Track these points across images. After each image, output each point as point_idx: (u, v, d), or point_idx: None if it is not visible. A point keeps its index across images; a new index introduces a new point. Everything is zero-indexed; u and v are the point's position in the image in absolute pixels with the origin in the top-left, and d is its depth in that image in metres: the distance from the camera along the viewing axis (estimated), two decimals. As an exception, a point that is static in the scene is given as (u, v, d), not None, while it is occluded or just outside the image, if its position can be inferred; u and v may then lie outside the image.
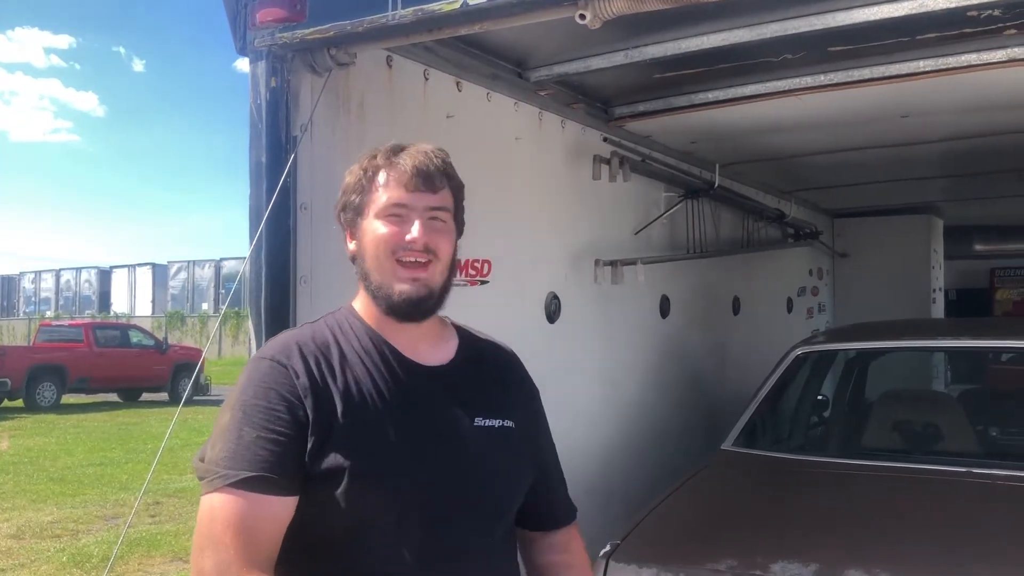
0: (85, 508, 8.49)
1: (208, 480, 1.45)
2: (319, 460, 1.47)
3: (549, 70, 3.46)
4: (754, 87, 3.80)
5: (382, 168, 1.61)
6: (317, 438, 1.48)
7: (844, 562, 2.48)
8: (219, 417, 1.52)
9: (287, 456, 1.46)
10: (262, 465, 1.44)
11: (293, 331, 1.64)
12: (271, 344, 1.60)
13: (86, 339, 19.17)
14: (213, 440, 1.49)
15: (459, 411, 1.62)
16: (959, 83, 3.63)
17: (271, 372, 1.52)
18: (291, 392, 1.49)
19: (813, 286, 7.76)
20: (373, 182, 1.60)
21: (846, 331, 5.03)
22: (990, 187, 6.78)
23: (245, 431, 1.46)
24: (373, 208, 1.59)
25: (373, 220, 1.59)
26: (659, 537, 2.89)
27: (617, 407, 4.32)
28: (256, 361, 1.56)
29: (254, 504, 1.43)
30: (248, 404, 1.48)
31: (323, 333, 1.60)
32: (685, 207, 4.97)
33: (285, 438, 1.46)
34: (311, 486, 1.48)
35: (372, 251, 1.58)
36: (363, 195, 1.61)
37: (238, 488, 1.42)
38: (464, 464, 1.58)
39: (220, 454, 1.46)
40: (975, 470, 3.21)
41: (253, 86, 2.42)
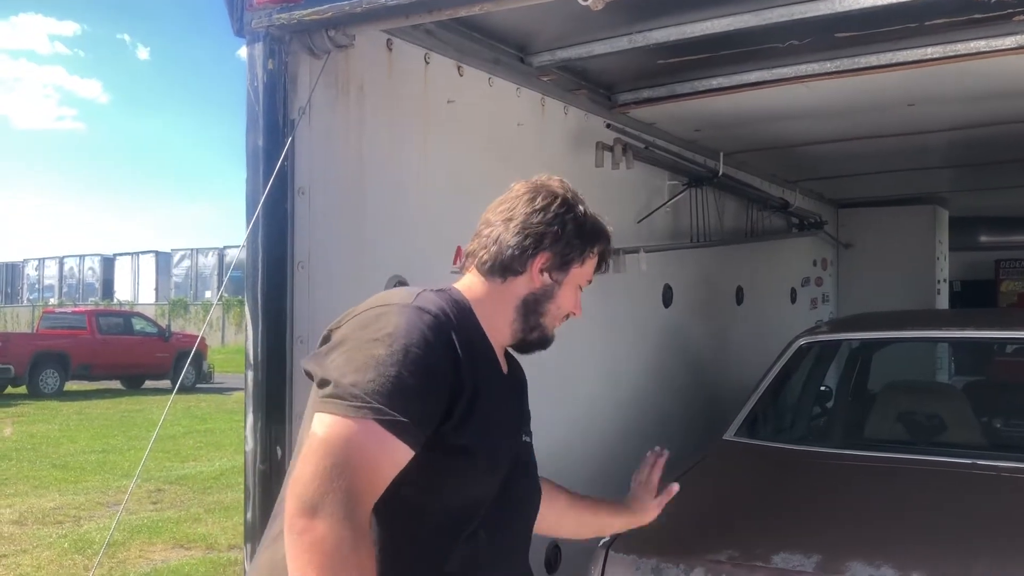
0: (87, 495, 8.50)
1: (354, 405, 1.41)
2: (459, 433, 1.51)
3: (552, 55, 3.42)
4: (759, 74, 3.76)
5: (603, 252, 1.79)
6: (461, 410, 1.51)
7: (846, 553, 2.46)
8: (360, 345, 1.48)
9: (431, 413, 1.48)
10: (413, 414, 1.44)
11: (435, 294, 1.62)
12: (427, 300, 1.58)
13: (89, 326, 19.21)
14: (359, 366, 1.45)
15: (518, 422, 1.78)
16: (967, 70, 3.59)
17: (437, 327, 1.52)
18: (452, 356, 1.52)
19: (817, 276, 7.73)
20: (593, 251, 1.76)
21: (850, 321, 4.99)
22: (997, 177, 6.73)
23: (405, 375, 1.44)
24: (580, 276, 1.76)
25: (574, 285, 1.76)
26: (659, 527, 2.85)
27: (618, 396, 4.30)
28: (418, 311, 1.53)
29: (392, 448, 1.43)
30: (411, 349, 1.46)
31: (455, 307, 1.63)
32: (689, 196, 4.93)
33: (438, 397, 1.49)
34: (437, 451, 1.50)
35: (560, 307, 1.75)
36: (583, 258, 1.74)
37: (384, 426, 1.41)
38: (521, 474, 1.74)
39: (373, 385, 1.43)
40: (980, 462, 3.18)
41: (250, 68, 2.38)
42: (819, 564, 2.44)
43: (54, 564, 6.24)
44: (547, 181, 1.78)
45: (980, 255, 10.25)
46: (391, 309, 1.53)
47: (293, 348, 2.41)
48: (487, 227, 1.73)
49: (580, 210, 1.74)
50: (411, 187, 2.85)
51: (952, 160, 6.19)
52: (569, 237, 1.71)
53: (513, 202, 1.74)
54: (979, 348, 5.57)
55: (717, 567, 2.50)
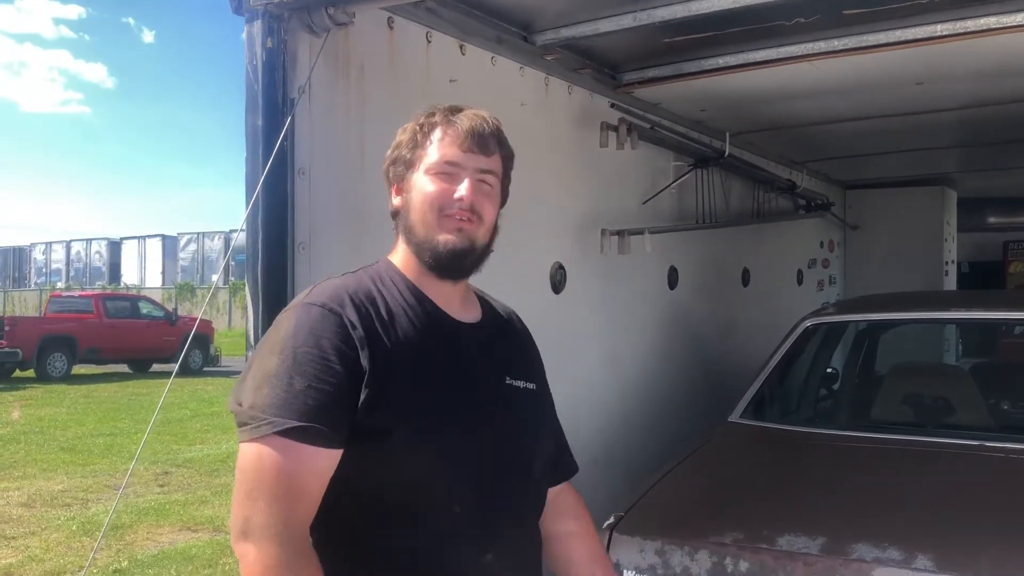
0: (95, 477, 8.55)
1: (254, 426, 1.42)
2: (373, 414, 1.46)
3: (556, 33, 3.38)
4: (766, 52, 3.72)
5: (439, 125, 1.61)
6: (372, 391, 1.46)
7: (851, 535, 2.44)
8: (259, 360, 1.48)
9: (337, 408, 1.44)
10: (312, 415, 1.41)
11: (338, 279, 1.60)
12: (320, 291, 1.55)
13: (96, 310, 19.27)
14: (257, 384, 1.45)
15: (494, 369, 1.65)
16: (977, 48, 3.53)
17: (323, 320, 1.48)
18: (346, 342, 1.47)
19: (824, 258, 7.68)
20: (427, 138, 1.61)
21: (856, 303, 4.96)
22: (1006, 157, 6.66)
23: (296, 379, 1.42)
24: (424, 164, 1.60)
25: (423, 175, 1.59)
26: (664, 509, 2.85)
27: (623, 378, 4.28)
28: (305, 307, 1.51)
29: (303, 455, 1.41)
30: (299, 351, 1.44)
31: (366, 284, 1.59)
32: (694, 176, 4.89)
33: (336, 389, 1.44)
34: (361, 440, 1.46)
35: (419, 205, 1.59)
36: (415, 150, 1.61)
37: (287, 437, 1.40)
38: (508, 422, 1.62)
39: (267, 400, 1.42)
40: (987, 443, 3.16)
41: (249, 47, 2.35)
42: (824, 546, 2.42)
43: (62, 546, 6.28)
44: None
45: (988, 236, 10.18)
46: (285, 314, 1.53)
47: (294, 330, 2.39)
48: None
49: (408, 124, 1.65)
50: (413, 167, 2.82)
51: (961, 140, 6.13)
52: (397, 152, 1.64)
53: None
54: (986, 329, 5.54)
55: (722, 549, 2.49)
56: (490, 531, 1.56)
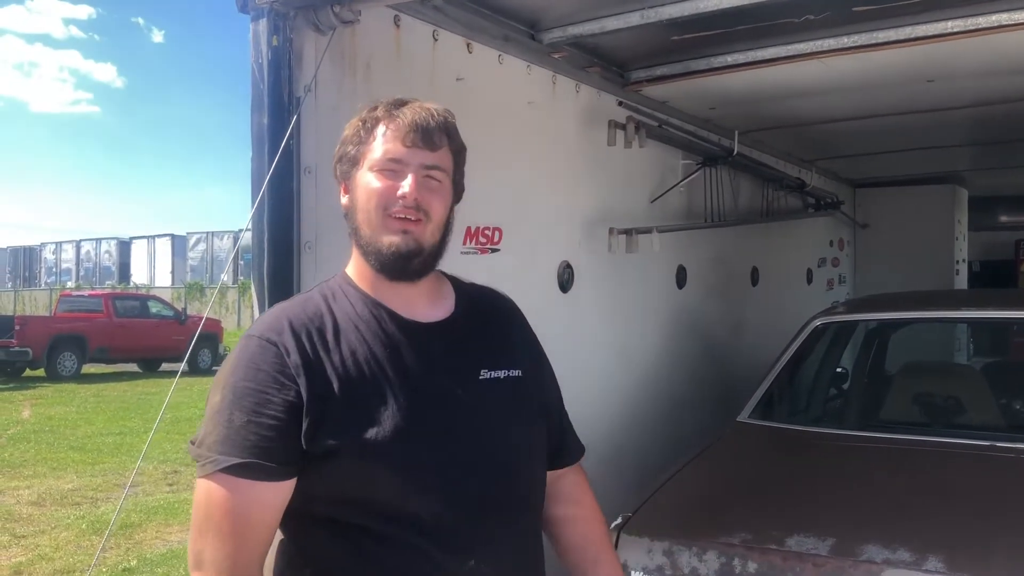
0: (104, 476, 8.58)
1: (201, 464, 1.43)
2: (316, 440, 1.44)
3: (563, 31, 3.36)
4: (775, 50, 3.69)
5: (381, 121, 1.56)
6: (313, 418, 1.44)
7: (861, 536, 2.42)
8: (210, 397, 1.49)
9: (279, 440, 1.43)
10: (253, 451, 1.41)
11: (285, 304, 1.58)
12: (262, 321, 1.55)
13: (106, 309, 19.36)
14: (204, 421, 1.47)
15: (464, 366, 1.59)
16: (988, 45, 3.50)
17: (260, 352, 1.47)
18: (281, 372, 1.45)
19: (834, 257, 7.64)
20: (371, 134, 1.56)
21: (866, 302, 4.93)
22: (1018, 156, 6.61)
23: (235, 415, 1.43)
24: (368, 160, 1.55)
25: (367, 172, 1.54)
26: (672, 509, 2.84)
27: (631, 378, 4.26)
28: (245, 340, 1.51)
29: (246, 490, 1.41)
30: (238, 386, 1.45)
31: (316, 303, 1.56)
32: (703, 175, 4.86)
33: (277, 421, 1.43)
34: (313, 466, 1.45)
35: (363, 204, 1.54)
36: (359, 146, 1.56)
37: (229, 474, 1.41)
38: (475, 421, 1.54)
39: (211, 438, 1.44)
40: (999, 444, 3.13)
41: (254, 45, 2.34)
42: (833, 547, 2.40)
43: (72, 545, 6.30)
44: None
45: (1000, 235, 10.12)
46: (230, 354, 1.53)
47: (300, 329, 2.39)
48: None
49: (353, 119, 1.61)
50: (420, 166, 2.81)
51: (972, 138, 6.08)
52: (341, 147, 1.61)
53: None
54: (998, 329, 5.50)
55: (730, 549, 2.47)
56: (469, 536, 1.49)
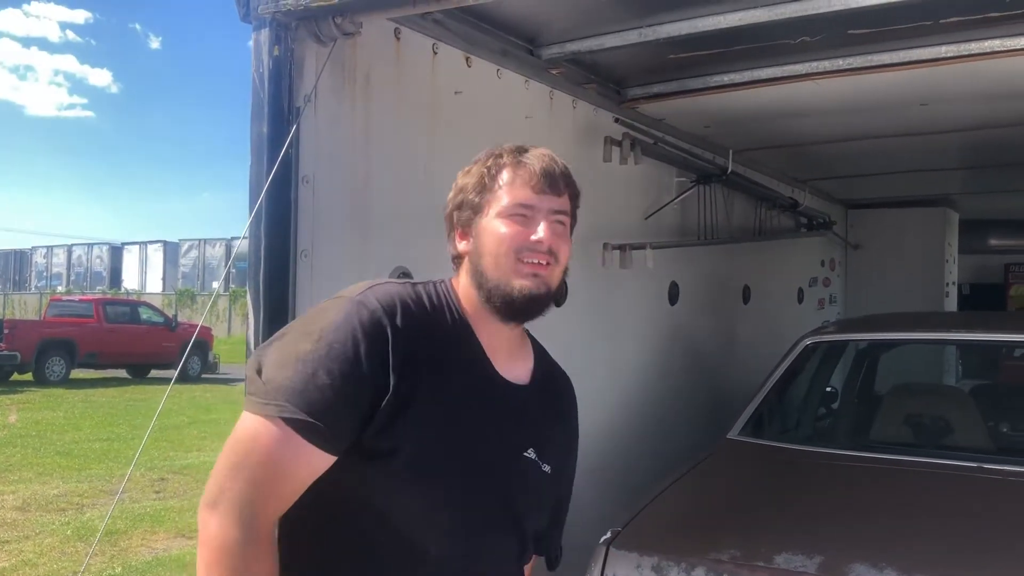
0: (91, 482, 8.53)
1: (262, 402, 1.38)
2: (383, 433, 1.42)
3: (561, 48, 3.39)
4: (771, 70, 3.73)
5: (507, 167, 1.57)
6: (389, 410, 1.42)
7: (849, 555, 2.43)
8: (293, 337, 1.45)
9: (349, 415, 1.40)
10: (322, 414, 1.37)
11: (398, 286, 1.54)
12: (378, 291, 1.49)
13: (96, 315, 19.28)
14: (282, 359, 1.41)
15: (518, 438, 1.60)
16: (981, 70, 3.54)
17: (370, 325, 1.43)
18: (382, 352, 1.42)
19: (825, 277, 7.68)
20: (496, 180, 1.56)
21: (856, 322, 4.96)
22: (1008, 180, 6.67)
23: (320, 373, 1.38)
24: (495, 207, 1.55)
25: (494, 219, 1.54)
26: (661, 525, 2.84)
27: (623, 393, 4.27)
28: (358, 304, 1.45)
29: (299, 449, 1.37)
30: (335, 346, 1.40)
31: (423, 301, 1.54)
32: (697, 192, 4.90)
33: (354, 397, 1.40)
34: (362, 456, 1.42)
35: (493, 249, 1.53)
36: (483, 194, 1.57)
37: (291, 427, 1.36)
38: (508, 493, 1.57)
39: (285, 382, 1.38)
40: (986, 465, 3.15)
41: (256, 55, 2.36)
42: (821, 565, 2.41)
43: (56, 551, 6.26)
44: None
45: (990, 258, 10.18)
46: (335, 303, 1.48)
47: (295, 338, 2.39)
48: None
49: (476, 167, 1.60)
50: (417, 178, 2.82)
51: (964, 161, 6.13)
52: (463, 196, 1.59)
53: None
54: (987, 351, 5.53)
55: (719, 566, 2.48)
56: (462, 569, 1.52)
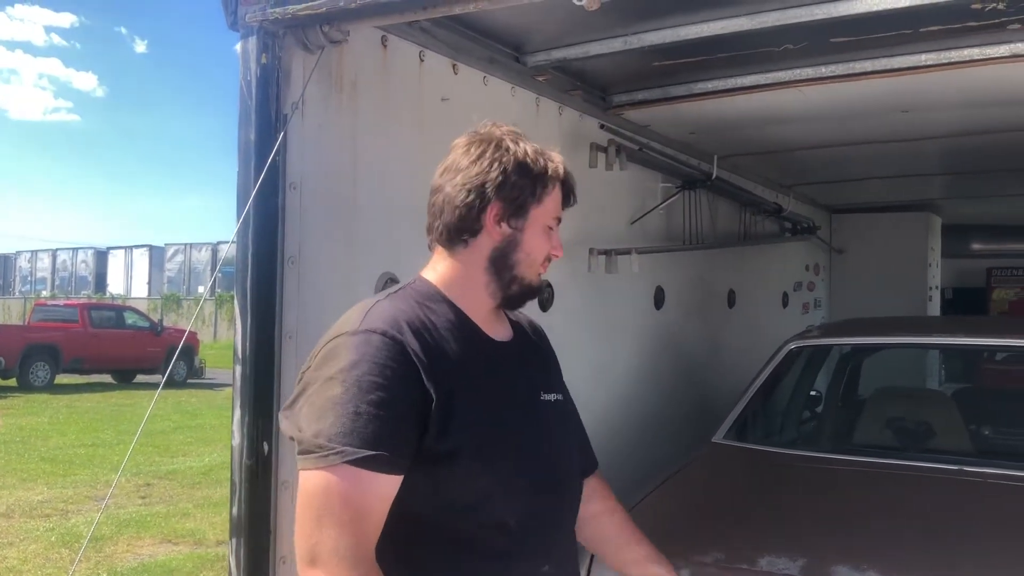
0: (75, 488, 8.47)
1: (321, 455, 1.43)
2: (442, 439, 1.49)
3: (547, 55, 3.42)
4: (754, 77, 3.77)
5: (559, 180, 1.67)
6: (440, 416, 1.48)
7: (831, 558, 2.46)
8: (318, 387, 1.48)
9: (403, 435, 1.46)
10: (379, 443, 1.43)
11: (387, 303, 1.58)
12: (376, 317, 1.54)
13: (81, 320, 19.14)
14: (318, 412, 1.46)
15: (530, 386, 1.71)
16: (961, 78, 3.59)
17: (386, 348, 1.48)
18: (410, 369, 1.48)
19: (809, 281, 7.74)
20: (547, 188, 1.65)
21: (840, 326, 5.00)
22: (989, 185, 6.75)
23: (363, 408, 1.43)
24: (543, 216, 1.65)
25: (539, 227, 1.65)
26: (646, 528, 2.85)
27: (609, 397, 4.29)
28: (365, 335, 1.50)
29: (371, 483, 1.43)
30: (364, 379, 1.45)
31: (415, 308, 1.58)
32: (682, 198, 4.93)
33: (402, 417, 1.46)
34: (426, 465, 1.49)
35: (532, 251, 1.65)
36: (535, 195, 1.63)
37: (356, 466, 1.42)
38: (544, 437, 1.68)
39: (334, 429, 1.43)
40: (967, 468, 3.19)
41: (244, 62, 2.37)
42: (804, 568, 2.44)
43: (40, 557, 6.22)
44: (481, 129, 1.67)
45: (972, 263, 10.28)
46: (341, 341, 1.51)
47: (282, 344, 2.41)
48: (434, 193, 1.66)
49: (520, 148, 1.62)
50: (404, 184, 2.84)
51: (945, 167, 6.20)
52: (515, 179, 1.60)
53: (452, 159, 1.65)
54: (969, 355, 5.58)
55: (703, 569, 2.50)
56: (543, 545, 1.63)
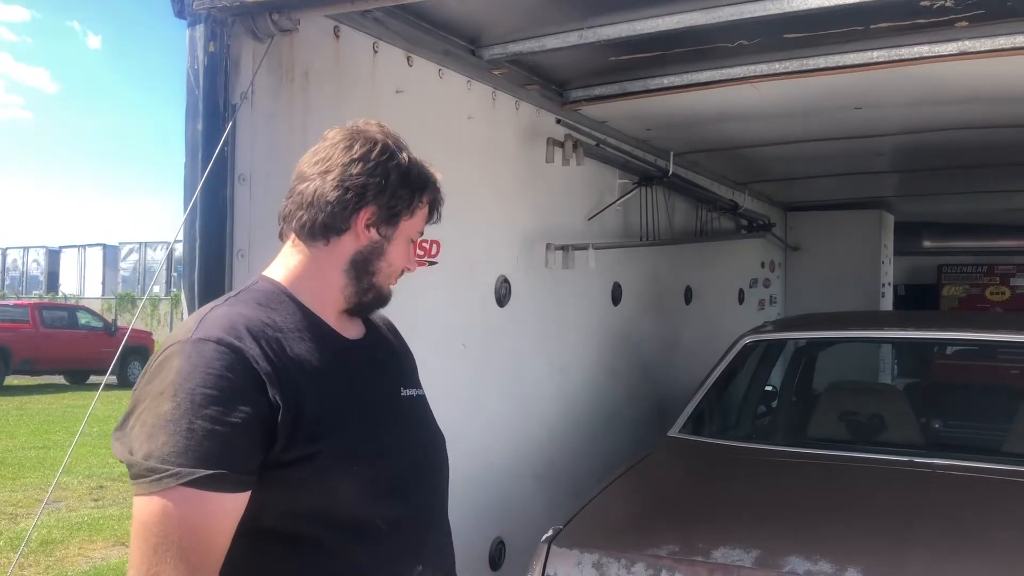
0: (25, 492, 8.29)
1: (154, 479, 1.32)
2: (293, 447, 1.40)
3: (503, 48, 3.40)
4: (709, 73, 3.78)
5: (433, 196, 1.65)
6: (288, 425, 1.40)
7: (785, 549, 2.48)
8: (148, 404, 1.37)
9: (244, 450, 1.37)
10: (219, 462, 1.33)
11: (225, 308, 1.49)
12: (212, 324, 1.43)
13: (32, 320, 18.72)
14: (149, 431, 1.34)
15: (389, 383, 1.66)
16: (911, 75, 3.64)
17: (220, 356, 1.38)
18: (250, 378, 1.38)
19: (765, 278, 7.82)
20: (422, 202, 1.63)
21: (794, 321, 5.06)
22: (939, 183, 6.87)
23: (197, 424, 1.33)
24: (410, 229, 1.63)
25: (406, 240, 1.64)
26: (602, 522, 2.87)
27: (566, 393, 4.30)
28: (197, 344, 1.39)
29: (211, 504, 1.33)
30: (196, 392, 1.34)
31: (257, 310, 1.50)
32: (639, 194, 4.95)
33: (243, 430, 1.36)
34: (279, 473, 1.41)
35: (394, 261, 1.63)
36: (409, 208, 1.61)
37: (194, 487, 1.32)
38: (409, 434, 1.63)
39: (166, 449, 1.32)
40: (916, 459, 3.24)
41: (191, 51, 2.32)
42: (758, 559, 2.46)
43: (-13, 562, 6.08)
44: (364, 126, 1.59)
45: (924, 260, 10.47)
46: (172, 351, 1.41)
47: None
48: (302, 182, 1.57)
49: (404, 157, 1.58)
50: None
51: (897, 165, 6.30)
52: (394, 187, 1.55)
53: (329, 151, 1.56)
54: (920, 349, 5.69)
55: (658, 562, 2.51)
56: (415, 542, 1.56)
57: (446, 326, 3.34)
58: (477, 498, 3.43)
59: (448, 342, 3.35)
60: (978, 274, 10.67)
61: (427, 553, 1.58)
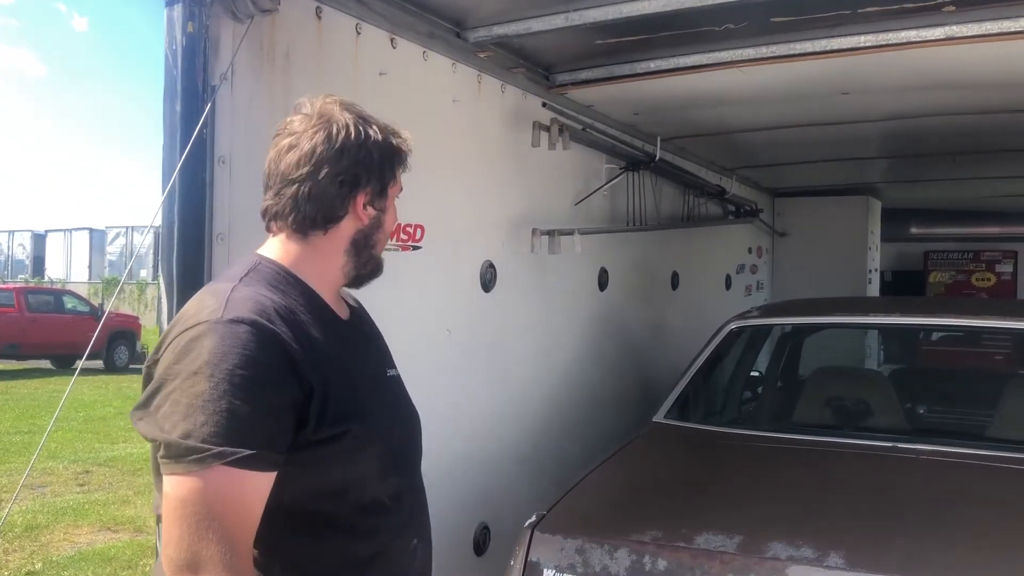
0: (10, 476, 8.24)
1: (197, 458, 1.33)
2: (321, 428, 1.45)
3: (488, 31, 3.37)
4: (696, 57, 3.76)
5: (404, 152, 1.65)
6: (319, 406, 1.44)
7: (768, 534, 2.48)
8: (182, 384, 1.37)
9: (280, 431, 1.41)
10: (257, 442, 1.36)
11: (249, 289, 1.48)
12: (240, 304, 1.43)
13: (17, 304, 18.58)
14: (186, 411, 1.35)
15: (379, 363, 1.73)
16: (899, 60, 3.63)
17: (256, 339, 1.40)
18: (286, 361, 1.42)
19: (752, 264, 7.83)
20: (396, 160, 1.64)
21: (780, 307, 5.06)
22: (926, 170, 6.88)
23: (236, 404, 1.34)
24: (395, 191, 1.67)
25: (391, 201, 1.66)
26: (585, 508, 2.86)
27: (552, 378, 4.29)
28: (230, 325, 1.40)
29: (250, 482, 1.37)
30: (235, 374, 1.35)
31: (273, 292, 1.51)
32: (626, 179, 4.93)
33: (279, 412, 1.40)
34: (305, 453, 1.44)
35: (387, 230, 1.68)
36: (393, 174, 1.64)
37: (235, 466, 1.34)
38: (401, 409, 1.72)
39: (207, 429, 1.33)
40: (900, 445, 3.25)
41: (169, 31, 2.28)
42: (741, 544, 2.45)
43: (-29, 548, 6.04)
44: (324, 109, 1.58)
45: (910, 246, 10.51)
46: (203, 329, 1.40)
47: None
48: (288, 184, 1.55)
49: (375, 129, 1.59)
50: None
51: (884, 151, 6.30)
52: (379, 163, 1.60)
53: (309, 145, 1.54)
54: (905, 335, 5.70)
55: (641, 547, 2.50)
56: (413, 519, 1.65)
57: (431, 311, 3.32)
58: (462, 483, 3.42)
59: (433, 327, 3.33)
60: (964, 260, 10.72)
61: (421, 528, 1.68)
